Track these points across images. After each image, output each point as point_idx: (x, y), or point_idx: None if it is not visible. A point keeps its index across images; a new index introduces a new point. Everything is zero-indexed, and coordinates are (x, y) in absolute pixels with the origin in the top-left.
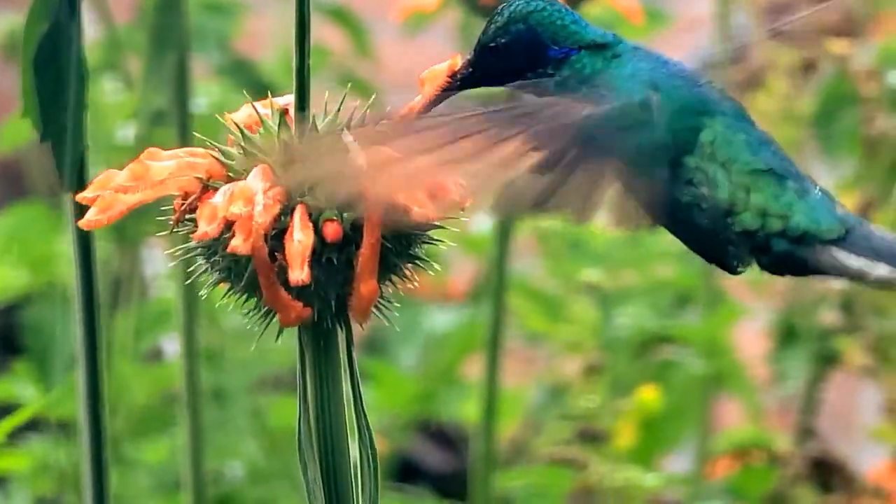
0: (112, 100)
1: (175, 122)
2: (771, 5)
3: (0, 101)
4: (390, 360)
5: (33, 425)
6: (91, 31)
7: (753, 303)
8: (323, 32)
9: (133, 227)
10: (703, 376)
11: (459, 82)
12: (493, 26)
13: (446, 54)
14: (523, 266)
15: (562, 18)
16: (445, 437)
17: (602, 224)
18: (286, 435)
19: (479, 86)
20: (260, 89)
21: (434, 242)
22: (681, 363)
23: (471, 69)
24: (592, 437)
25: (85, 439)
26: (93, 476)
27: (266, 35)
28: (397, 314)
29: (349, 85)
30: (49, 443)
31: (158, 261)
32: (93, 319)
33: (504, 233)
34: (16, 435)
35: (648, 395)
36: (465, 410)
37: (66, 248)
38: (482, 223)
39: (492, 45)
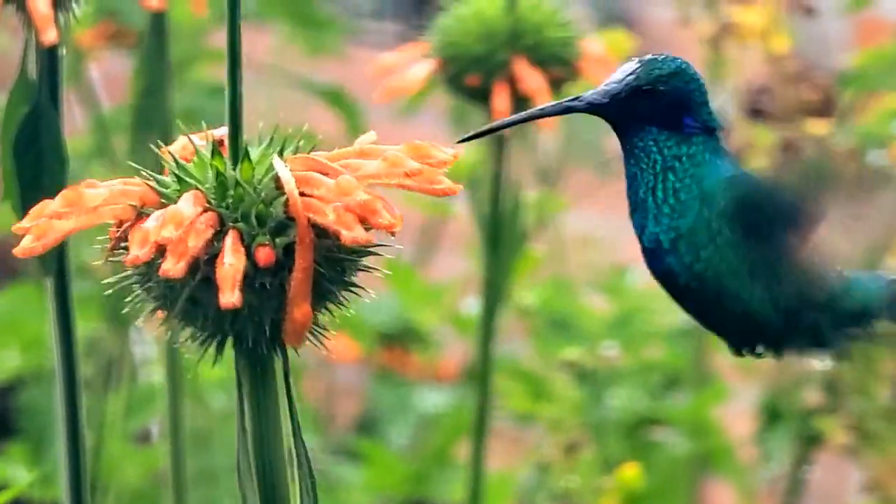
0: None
1: None
2: (751, 87)
3: None
4: (381, 440)
5: None
6: (82, 118)
7: (741, 383)
8: (316, 113)
9: (125, 307)
10: (689, 457)
11: (587, 105)
12: (655, 72)
13: (437, 137)
14: (512, 347)
15: (706, 97)
16: None
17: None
18: None
19: (602, 115)
20: None
21: (369, 270)
22: (668, 444)
23: (606, 99)
24: None
25: None
26: None
27: (255, 116)
28: (388, 393)
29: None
30: None
31: (147, 342)
32: (75, 402)
33: (489, 315)
34: None
35: (630, 473)
36: (457, 492)
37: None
38: (472, 305)
39: (647, 87)
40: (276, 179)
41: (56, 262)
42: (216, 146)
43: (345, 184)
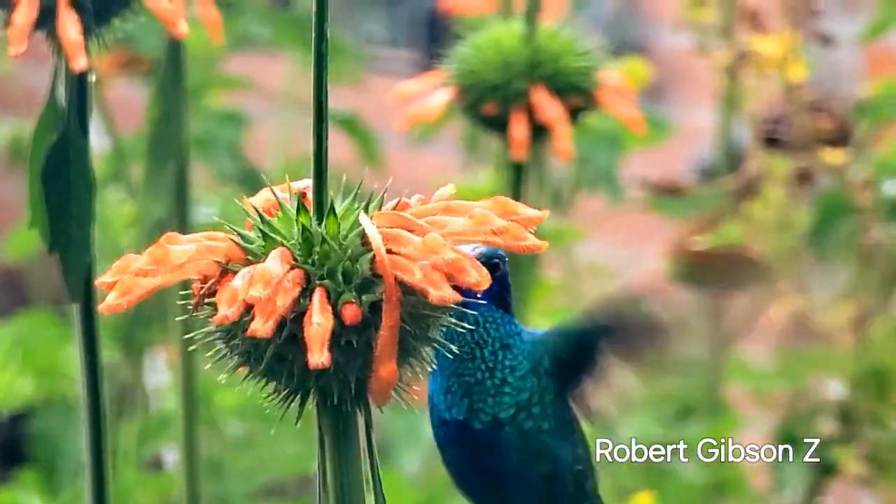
0: (117, 210)
1: (175, 231)
2: (768, 117)
3: (2, 210)
4: (392, 466)
5: None
6: (97, 142)
7: (755, 413)
8: (330, 140)
9: (139, 335)
10: (703, 485)
11: None
12: (496, 250)
13: (451, 165)
14: None
15: None
16: None
17: None
18: None
19: None
20: None
21: (453, 326)
22: (682, 472)
23: None
24: None
25: None
26: None
27: (269, 144)
28: (400, 420)
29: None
30: None
31: (161, 370)
32: (99, 429)
33: None
34: None
35: (645, 501)
36: None
37: (72, 357)
38: None
39: (495, 260)
40: (362, 235)
41: (84, 288)
42: (301, 201)
43: (432, 242)
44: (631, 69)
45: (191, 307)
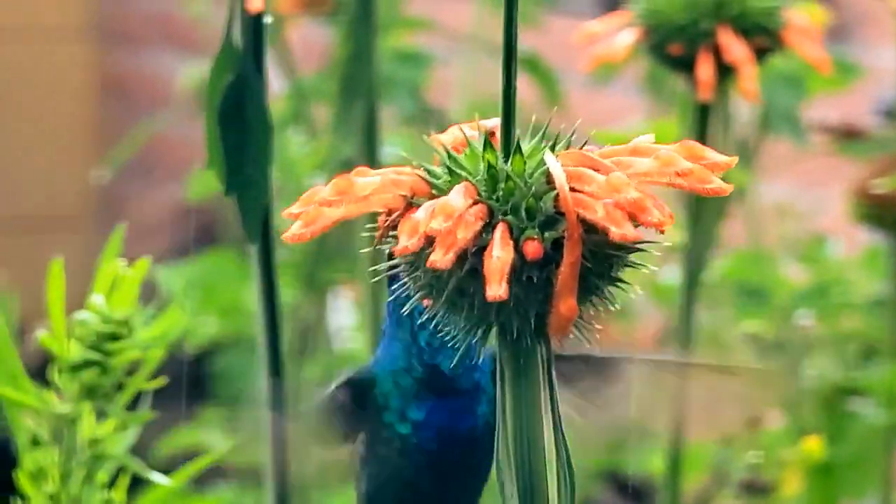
0: (299, 150)
1: None
2: None
3: (190, 150)
4: None
5: (221, 472)
6: (277, 84)
7: None
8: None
9: (322, 274)
10: (885, 427)
11: None
12: None
13: (631, 104)
14: (711, 317)
15: None
16: (633, 488)
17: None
18: None
19: None
20: None
21: (636, 265)
22: (863, 414)
23: None
24: (764, 490)
25: (271, 486)
26: None
27: (453, 85)
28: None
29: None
30: (236, 489)
31: (344, 309)
32: (278, 367)
33: (692, 282)
34: (203, 481)
35: (813, 445)
36: (652, 462)
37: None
38: (670, 273)
39: None
40: (547, 174)
41: (261, 229)
42: (488, 138)
43: (615, 181)
44: (810, 14)
45: (375, 239)
